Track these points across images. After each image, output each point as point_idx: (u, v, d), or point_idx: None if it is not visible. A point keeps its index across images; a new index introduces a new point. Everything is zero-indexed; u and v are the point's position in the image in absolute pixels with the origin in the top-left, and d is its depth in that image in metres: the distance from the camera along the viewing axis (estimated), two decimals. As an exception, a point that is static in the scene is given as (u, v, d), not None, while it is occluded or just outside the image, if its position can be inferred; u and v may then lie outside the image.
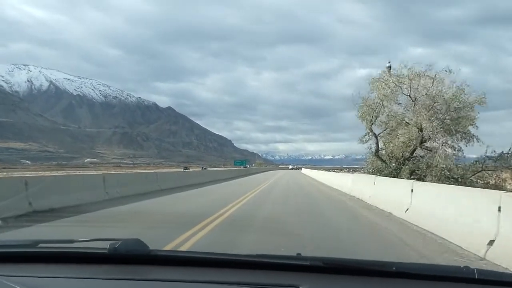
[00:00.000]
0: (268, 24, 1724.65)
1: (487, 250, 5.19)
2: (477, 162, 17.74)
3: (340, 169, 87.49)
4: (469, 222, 5.96)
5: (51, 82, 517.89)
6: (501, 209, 5.25)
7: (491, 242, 5.21)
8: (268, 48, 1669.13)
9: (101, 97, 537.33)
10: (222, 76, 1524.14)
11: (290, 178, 34.76)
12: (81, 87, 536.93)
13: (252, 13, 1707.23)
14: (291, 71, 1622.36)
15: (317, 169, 56.69)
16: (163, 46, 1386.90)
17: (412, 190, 8.79)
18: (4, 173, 40.67)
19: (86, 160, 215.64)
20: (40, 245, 1.96)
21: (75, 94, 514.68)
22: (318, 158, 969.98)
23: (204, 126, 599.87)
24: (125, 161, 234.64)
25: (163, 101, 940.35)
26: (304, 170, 62.27)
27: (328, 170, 53.41)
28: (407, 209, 8.61)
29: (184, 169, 52.65)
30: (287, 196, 15.45)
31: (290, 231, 7.15)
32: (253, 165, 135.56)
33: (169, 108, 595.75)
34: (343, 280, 1.69)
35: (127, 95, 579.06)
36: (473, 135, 17.70)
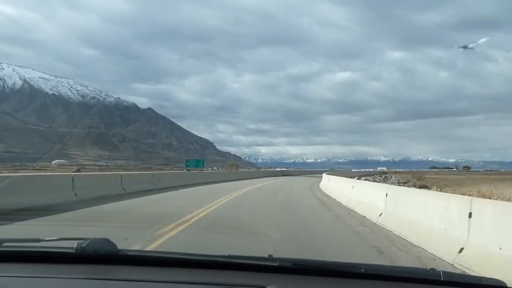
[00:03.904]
0: (248, 26, 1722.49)
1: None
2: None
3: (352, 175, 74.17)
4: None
5: (25, 80, 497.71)
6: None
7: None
8: (248, 50, 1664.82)
9: (78, 97, 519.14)
10: (202, 77, 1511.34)
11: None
12: (57, 87, 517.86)
13: (231, 14, 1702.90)
14: (272, 73, 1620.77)
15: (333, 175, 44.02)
16: (141, 47, 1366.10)
17: None
18: None
19: (54, 162, 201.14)
20: (5, 244, 1.91)
21: (50, 93, 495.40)
22: (301, 161, 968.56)
23: (185, 128, 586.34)
24: (98, 163, 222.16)
25: (143, 102, 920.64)
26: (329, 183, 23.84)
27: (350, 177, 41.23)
28: None
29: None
30: None
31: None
32: (221, 168, 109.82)
33: (149, 109, 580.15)
34: (311, 281, 1.69)
35: (106, 96, 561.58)
36: None
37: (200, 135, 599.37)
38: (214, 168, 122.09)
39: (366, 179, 36.87)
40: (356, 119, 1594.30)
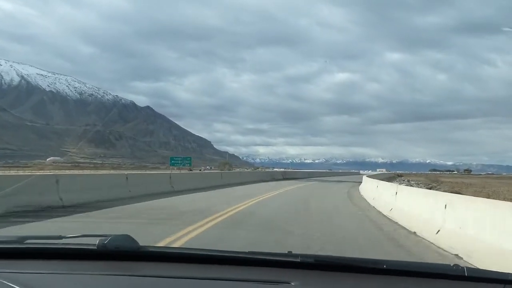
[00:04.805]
0: (248, 26, 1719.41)
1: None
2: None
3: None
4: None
5: (22, 77, 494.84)
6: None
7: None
8: (247, 49, 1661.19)
9: (76, 94, 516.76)
10: (201, 77, 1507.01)
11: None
12: (55, 83, 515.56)
13: (231, 13, 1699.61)
14: (270, 74, 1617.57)
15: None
16: (140, 45, 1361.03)
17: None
18: None
19: (48, 159, 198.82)
20: (28, 241, 1.96)
21: (47, 90, 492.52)
22: (299, 161, 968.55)
23: (183, 127, 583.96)
24: (95, 161, 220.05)
25: (141, 101, 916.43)
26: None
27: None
28: None
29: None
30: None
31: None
32: (211, 168, 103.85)
33: (147, 107, 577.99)
34: (334, 276, 1.71)
35: (104, 93, 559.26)
36: None
37: (198, 134, 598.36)
38: (208, 167, 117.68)
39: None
40: (354, 120, 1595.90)
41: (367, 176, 26.63)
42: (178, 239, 6.87)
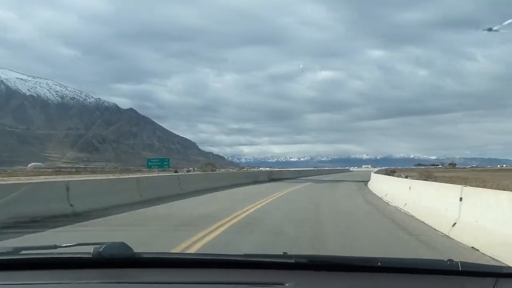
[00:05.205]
0: (230, 25, 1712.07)
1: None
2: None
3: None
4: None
5: (1, 81, 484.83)
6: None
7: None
8: (230, 49, 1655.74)
9: (57, 98, 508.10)
10: (184, 77, 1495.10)
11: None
12: (36, 87, 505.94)
13: (213, 13, 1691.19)
14: (254, 73, 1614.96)
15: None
16: (121, 46, 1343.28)
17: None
18: None
19: (30, 165, 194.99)
20: (22, 252, 1.96)
21: (28, 94, 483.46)
22: (284, 160, 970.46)
23: (167, 128, 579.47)
24: (77, 165, 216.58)
25: (124, 103, 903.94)
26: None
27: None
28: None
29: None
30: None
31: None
32: (194, 169, 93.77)
33: (130, 109, 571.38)
34: (328, 276, 1.72)
35: (86, 96, 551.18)
36: None
37: (182, 135, 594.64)
38: (191, 168, 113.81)
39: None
40: (338, 117, 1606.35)
41: (374, 173, 24.80)
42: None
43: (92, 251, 1.76)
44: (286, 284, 1.54)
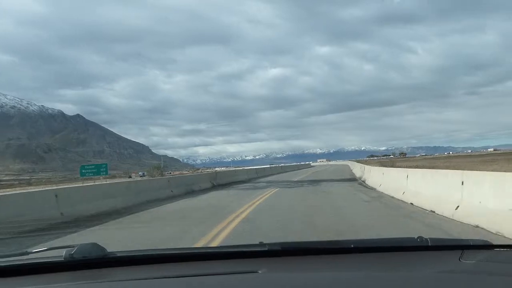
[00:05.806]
0: (176, 25, 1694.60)
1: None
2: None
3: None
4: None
5: None
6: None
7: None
8: (178, 49, 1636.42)
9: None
10: (132, 80, 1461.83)
11: None
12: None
13: (157, 13, 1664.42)
14: (204, 73, 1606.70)
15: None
16: (63, 50, 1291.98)
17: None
18: None
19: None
20: None
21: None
22: (240, 159, 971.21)
23: (118, 133, 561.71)
24: (22, 177, 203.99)
25: (70, 109, 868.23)
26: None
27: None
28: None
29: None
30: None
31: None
32: (144, 174, 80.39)
33: (77, 116, 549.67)
34: (301, 260, 1.75)
35: (28, 104, 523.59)
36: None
37: (134, 140, 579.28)
38: (140, 173, 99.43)
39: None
40: (290, 114, 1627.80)
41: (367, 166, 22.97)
42: None
43: (64, 254, 1.74)
44: (259, 271, 1.56)
